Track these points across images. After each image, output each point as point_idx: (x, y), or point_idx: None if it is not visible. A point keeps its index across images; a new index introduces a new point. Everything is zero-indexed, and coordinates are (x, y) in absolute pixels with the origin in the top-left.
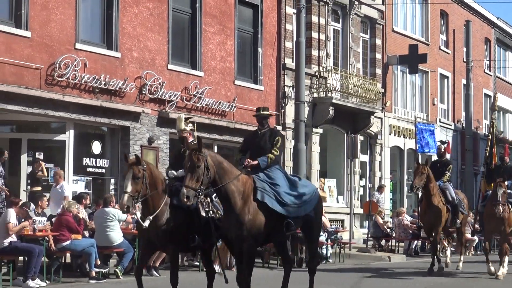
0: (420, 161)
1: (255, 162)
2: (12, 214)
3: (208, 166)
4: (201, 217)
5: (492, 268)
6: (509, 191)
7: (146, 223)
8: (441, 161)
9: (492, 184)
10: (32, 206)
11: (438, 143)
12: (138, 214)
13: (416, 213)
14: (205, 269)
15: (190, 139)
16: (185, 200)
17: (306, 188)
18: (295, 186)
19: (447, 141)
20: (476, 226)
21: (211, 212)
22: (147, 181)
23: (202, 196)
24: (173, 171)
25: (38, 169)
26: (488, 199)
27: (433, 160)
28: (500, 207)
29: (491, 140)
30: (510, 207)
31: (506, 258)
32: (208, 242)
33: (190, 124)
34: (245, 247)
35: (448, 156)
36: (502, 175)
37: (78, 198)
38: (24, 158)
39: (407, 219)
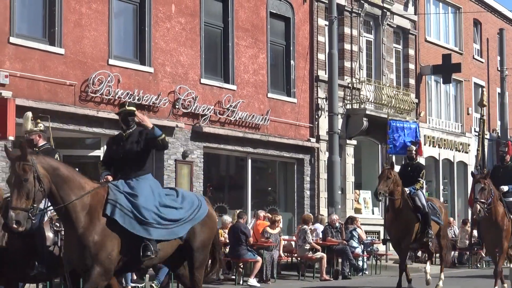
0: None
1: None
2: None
3: (40, 177)
4: (45, 239)
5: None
6: (511, 199)
7: None
8: (412, 164)
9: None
10: None
11: (408, 144)
12: None
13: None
14: None
15: (41, 142)
16: (15, 226)
17: (183, 204)
18: (166, 201)
19: (418, 140)
20: (474, 237)
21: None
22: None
23: (48, 213)
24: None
25: None
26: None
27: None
28: (478, 205)
29: (482, 140)
30: (511, 217)
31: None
32: (56, 271)
33: (41, 124)
34: (89, 279)
35: (422, 160)
36: (502, 177)
37: None
38: None
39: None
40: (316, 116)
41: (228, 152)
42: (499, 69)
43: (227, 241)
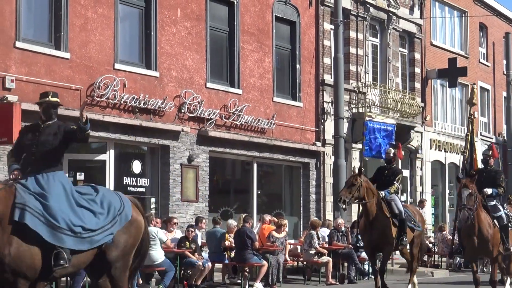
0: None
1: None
2: None
3: None
4: None
5: None
6: (494, 202)
7: None
8: (389, 168)
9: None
10: None
11: (388, 147)
12: None
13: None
14: None
15: None
16: None
17: (103, 206)
18: (83, 202)
19: (398, 144)
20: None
21: None
22: None
23: None
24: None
25: None
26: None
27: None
28: (466, 212)
29: (470, 141)
30: (496, 222)
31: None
32: None
33: None
34: None
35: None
36: (485, 181)
37: None
38: None
39: (450, 234)
40: (322, 120)
41: (234, 156)
42: (505, 73)
43: (233, 245)
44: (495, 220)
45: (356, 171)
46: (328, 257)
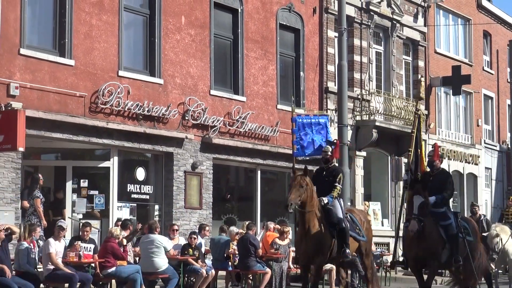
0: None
1: None
2: (52, 244)
3: None
4: None
5: None
6: (443, 209)
7: None
8: (327, 168)
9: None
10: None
11: (324, 144)
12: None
13: None
14: None
15: None
16: None
17: None
18: None
19: (335, 140)
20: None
21: None
22: None
23: None
24: None
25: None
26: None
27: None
28: (416, 223)
29: (416, 139)
30: (442, 232)
31: None
32: None
33: None
34: None
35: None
36: (431, 186)
37: (123, 224)
38: (69, 185)
39: None
40: None
41: (238, 164)
42: (509, 80)
43: (236, 252)
44: (441, 230)
45: (294, 172)
46: (331, 265)
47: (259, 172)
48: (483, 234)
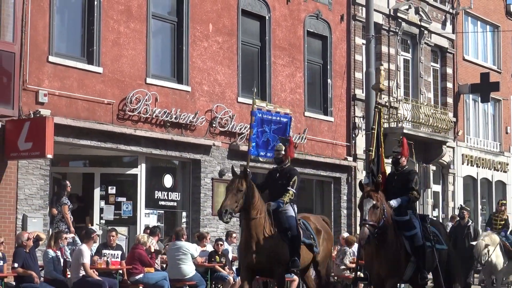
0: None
1: None
2: (86, 253)
3: None
4: None
5: None
6: (407, 217)
7: None
8: (281, 169)
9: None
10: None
11: (277, 143)
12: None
13: None
14: None
15: None
16: None
17: None
18: None
19: (288, 137)
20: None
21: None
22: None
23: None
24: None
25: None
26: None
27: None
28: (366, 229)
29: (377, 136)
30: (407, 244)
31: None
32: None
33: None
34: None
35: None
36: (396, 187)
37: (151, 231)
38: (97, 192)
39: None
40: (353, 135)
41: (265, 171)
42: None
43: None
44: (406, 241)
45: (234, 174)
46: (360, 272)
47: None
48: (471, 243)
